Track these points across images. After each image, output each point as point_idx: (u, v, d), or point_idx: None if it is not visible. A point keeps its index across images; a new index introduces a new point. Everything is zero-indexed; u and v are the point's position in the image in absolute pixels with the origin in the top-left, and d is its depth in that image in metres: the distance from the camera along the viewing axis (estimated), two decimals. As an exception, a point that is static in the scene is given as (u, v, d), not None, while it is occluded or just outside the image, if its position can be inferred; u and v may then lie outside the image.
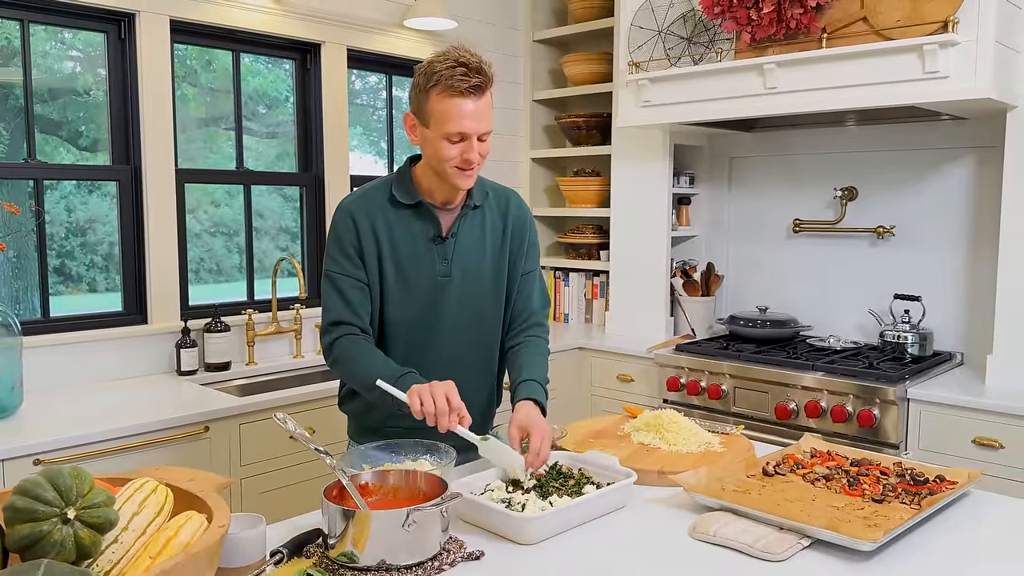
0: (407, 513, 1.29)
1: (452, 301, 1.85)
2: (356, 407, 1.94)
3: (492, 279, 1.89)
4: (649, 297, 3.69)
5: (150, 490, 1.12)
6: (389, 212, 1.82)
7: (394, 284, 1.82)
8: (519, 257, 1.93)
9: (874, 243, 3.35)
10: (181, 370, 2.93)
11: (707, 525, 1.49)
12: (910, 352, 3.08)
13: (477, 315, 1.89)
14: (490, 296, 1.89)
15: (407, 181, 1.83)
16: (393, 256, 1.81)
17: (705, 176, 3.83)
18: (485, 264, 1.87)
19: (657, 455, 1.85)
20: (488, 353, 1.93)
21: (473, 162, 1.72)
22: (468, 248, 1.85)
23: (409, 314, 1.83)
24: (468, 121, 1.69)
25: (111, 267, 2.96)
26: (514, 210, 1.93)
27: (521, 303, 1.95)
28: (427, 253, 1.82)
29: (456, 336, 1.87)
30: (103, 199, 2.95)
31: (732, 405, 3.10)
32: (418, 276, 1.82)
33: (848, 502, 1.62)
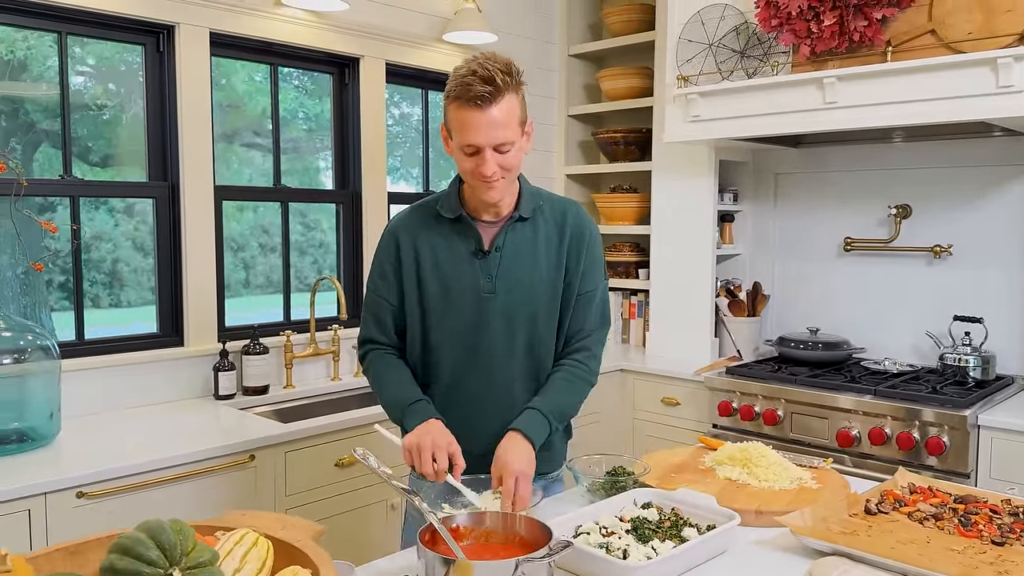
0: (516, 564, 1.18)
1: (498, 317, 1.75)
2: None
3: (546, 295, 1.77)
4: (693, 317, 3.58)
5: (251, 543, 1.01)
6: (433, 227, 1.78)
7: (437, 300, 1.75)
8: (576, 274, 1.80)
9: (930, 262, 3.25)
10: (219, 394, 2.82)
11: (825, 572, 1.38)
12: (972, 376, 2.97)
13: (528, 332, 1.77)
14: (543, 312, 1.77)
15: (453, 195, 1.78)
16: (436, 272, 1.75)
17: (750, 193, 3.73)
18: (537, 279, 1.76)
19: (749, 492, 1.74)
20: (541, 372, 1.81)
21: (487, 175, 1.63)
22: (516, 262, 1.75)
23: (453, 330, 1.76)
24: (476, 132, 1.60)
25: (114, 284, 2.84)
26: (572, 223, 1.81)
27: (575, 324, 1.81)
28: (469, 268, 1.75)
29: (504, 354, 1.76)
30: (109, 216, 2.84)
31: (789, 431, 2.98)
32: (461, 291, 1.75)
33: (967, 545, 1.50)
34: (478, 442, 1.72)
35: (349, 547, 2.57)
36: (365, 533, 2.64)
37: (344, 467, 2.58)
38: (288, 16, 3.02)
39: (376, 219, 3.37)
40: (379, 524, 2.68)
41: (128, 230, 2.86)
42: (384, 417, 1.90)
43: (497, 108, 1.60)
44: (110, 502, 2.11)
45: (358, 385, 3.19)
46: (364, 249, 3.35)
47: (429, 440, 1.60)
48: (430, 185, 3.75)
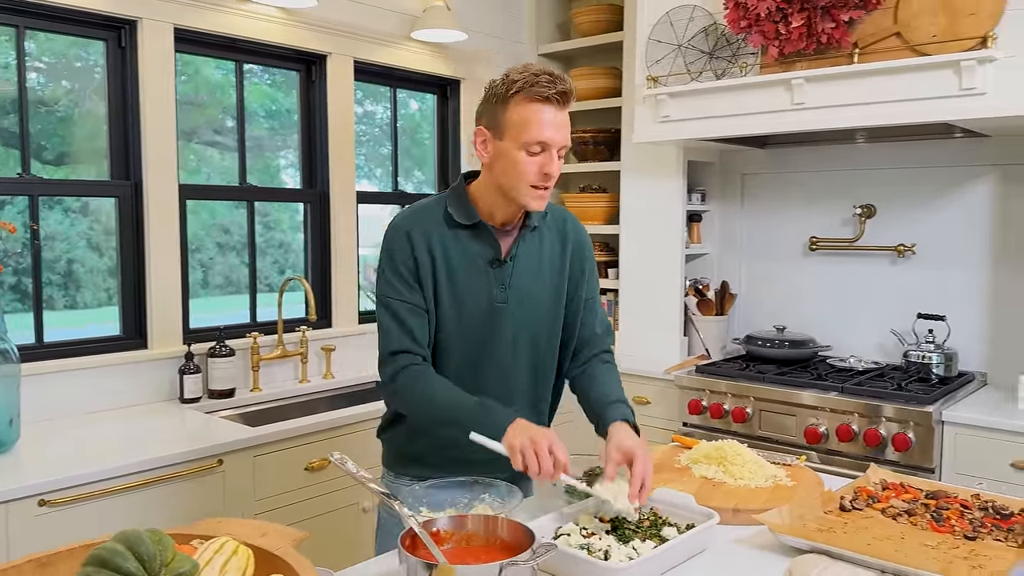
0: (500, 567, 1.17)
1: (507, 328, 1.73)
2: (396, 437, 1.81)
3: (549, 305, 1.78)
4: (662, 316, 3.60)
5: (230, 552, 0.98)
6: (445, 232, 1.69)
7: (449, 308, 1.69)
8: (580, 282, 1.82)
9: (894, 261, 3.30)
10: (184, 397, 2.76)
11: (805, 570, 1.39)
12: (935, 373, 3.02)
13: (532, 343, 1.77)
14: (546, 323, 1.78)
15: (464, 199, 1.71)
16: (449, 279, 1.69)
17: (717, 193, 3.76)
18: (543, 289, 1.76)
19: (725, 490, 1.74)
20: (542, 382, 1.82)
21: (553, 176, 1.61)
22: (526, 272, 1.74)
23: (462, 340, 1.71)
24: (551, 130, 1.58)
25: (69, 285, 2.76)
26: (572, 232, 1.82)
27: (587, 332, 1.84)
28: (484, 277, 1.70)
29: (510, 364, 1.75)
30: (64, 215, 2.76)
31: (758, 429, 3.01)
32: (474, 301, 1.70)
33: (940, 540, 1.52)
34: (476, 448, 1.70)
35: (320, 552, 2.53)
36: (337, 537, 2.60)
37: (314, 471, 2.54)
38: (254, 12, 2.97)
39: (344, 218, 3.33)
40: (350, 528, 2.65)
41: (83, 230, 2.78)
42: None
43: (566, 111, 1.61)
44: (74, 510, 2.05)
45: (327, 387, 3.15)
46: (332, 249, 3.31)
47: (544, 441, 1.50)
48: (398, 184, 3.72)
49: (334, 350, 3.23)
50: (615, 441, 1.61)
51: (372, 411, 2.72)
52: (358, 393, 3.21)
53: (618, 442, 1.60)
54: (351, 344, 3.35)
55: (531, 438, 1.50)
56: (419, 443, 1.77)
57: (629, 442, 1.60)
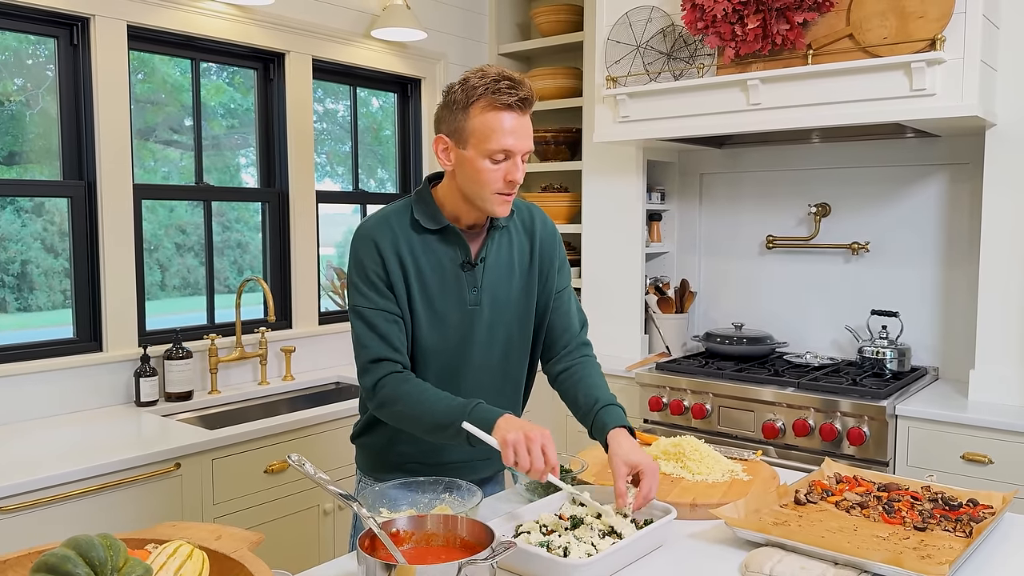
0: (459, 566, 1.17)
1: (482, 330, 1.73)
2: (375, 441, 1.80)
3: (520, 303, 1.78)
4: (623, 315, 3.63)
5: (185, 556, 0.97)
6: (413, 237, 1.68)
7: (423, 315, 1.68)
8: (551, 276, 1.82)
9: (848, 259, 3.37)
10: (140, 400, 2.72)
11: (760, 563, 1.41)
12: (889, 368, 3.09)
13: (506, 343, 1.77)
14: (517, 322, 1.78)
15: (429, 204, 1.70)
16: (420, 285, 1.67)
17: (676, 192, 3.80)
18: (513, 288, 1.76)
19: (684, 486, 1.77)
20: (515, 381, 1.82)
21: (517, 182, 1.61)
22: (497, 272, 1.74)
23: (438, 346, 1.70)
24: (514, 136, 1.57)
25: (23, 287, 2.71)
26: (540, 227, 1.82)
27: (561, 324, 1.84)
28: (455, 281, 1.70)
29: (485, 365, 1.76)
30: (15, 216, 2.70)
31: (717, 424, 3.05)
32: (447, 306, 1.69)
33: (891, 531, 1.56)
34: (452, 451, 1.73)
35: (281, 554, 2.51)
36: (297, 540, 2.58)
37: (274, 473, 2.52)
38: (210, 9, 2.93)
39: (304, 218, 3.30)
40: (311, 530, 2.63)
41: (36, 231, 2.73)
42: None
43: (528, 116, 1.61)
44: (27, 516, 2.00)
45: (286, 389, 3.13)
46: (292, 249, 3.28)
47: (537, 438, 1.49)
48: (359, 183, 3.70)
49: (294, 351, 3.20)
50: (621, 454, 1.58)
51: (333, 412, 2.70)
52: (319, 394, 3.18)
53: (624, 455, 1.58)
54: (311, 345, 3.33)
55: (525, 434, 1.49)
56: (400, 449, 1.77)
57: (636, 456, 1.57)
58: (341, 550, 2.65)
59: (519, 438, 1.48)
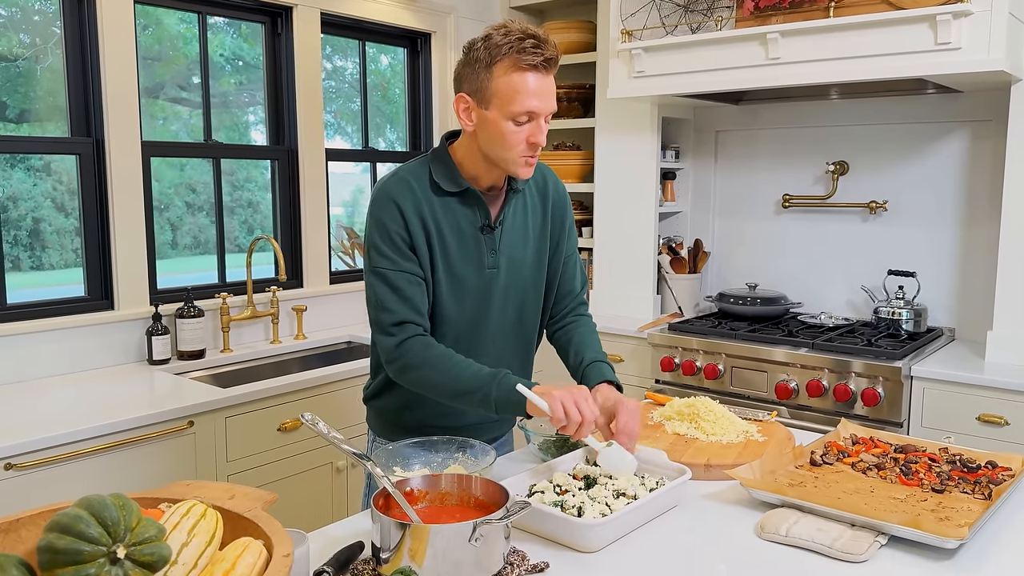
0: (474, 526, 1.16)
1: (499, 294, 1.71)
2: (388, 404, 1.78)
3: (534, 266, 1.76)
4: (635, 275, 3.60)
5: (199, 515, 0.96)
6: (433, 199, 1.63)
7: (443, 279, 1.65)
8: (562, 239, 1.80)
9: (866, 218, 3.32)
10: (153, 359, 2.72)
11: (776, 524, 1.40)
12: (905, 329, 3.06)
13: (520, 306, 1.76)
14: (532, 285, 1.76)
15: (448, 164, 1.65)
16: (441, 248, 1.64)
17: (691, 150, 3.74)
18: (528, 251, 1.74)
19: (697, 446, 1.75)
20: (527, 343, 1.82)
21: (540, 145, 1.57)
22: (513, 236, 1.71)
23: (457, 310, 1.68)
24: (538, 99, 1.52)
25: (35, 245, 2.70)
26: (552, 189, 1.79)
27: (565, 285, 1.84)
28: (475, 244, 1.66)
29: (500, 329, 1.74)
30: (27, 175, 2.68)
31: (730, 385, 3.04)
32: (466, 270, 1.66)
33: (908, 493, 1.55)
34: (465, 415, 1.73)
35: (294, 512, 2.53)
36: (310, 497, 2.60)
37: (287, 431, 2.53)
38: (216, -39, 2.87)
39: (313, 176, 3.26)
40: (324, 488, 2.64)
41: (47, 189, 2.71)
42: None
43: (552, 75, 1.56)
44: (40, 474, 2.02)
45: (299, 348, 3.12)
46: (302, 207, 3.25)
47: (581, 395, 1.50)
48: (369, 142, 3.65)
49: (306, 310, 3.20)
50: (610, 404, 1.61)
51: (345, 371, 2.70)
52: (331, 353, 3.18)
53: (601, 404, 1.61)
54: (323, 304, 3.32)
55: (570, 391, 1.50)
56: (414, 413, 1.75)
57: (612, 401, 1.61)
58: (354, 508, 2.67)
59: (566, 395, 1.49)
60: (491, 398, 1.53)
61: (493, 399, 1.53)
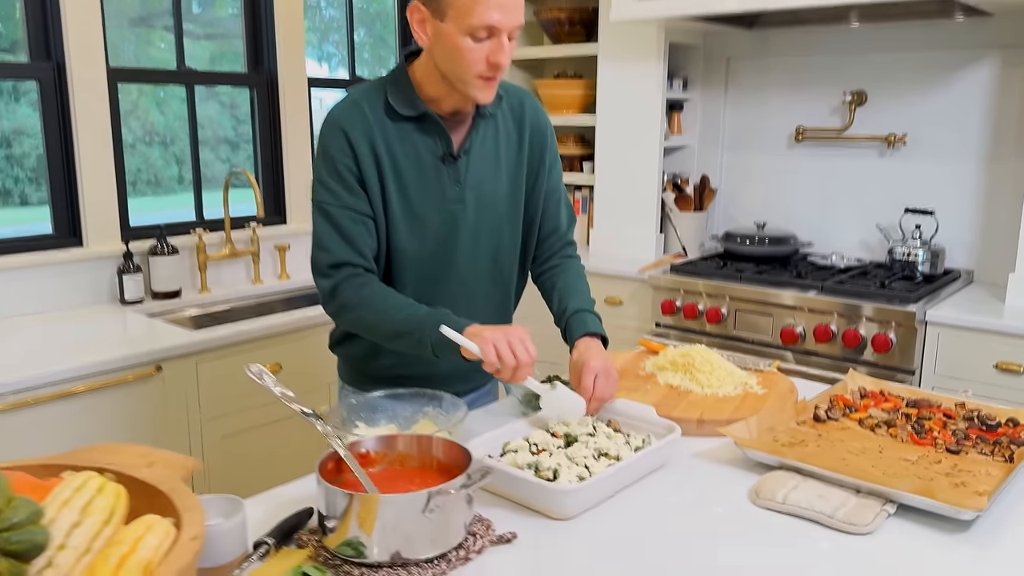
0: (428, 496, 1.03)
1: (467, 232, 1.55)
2: (355, 352, 1.65)
3: (508, 202, 1.59)
4: (638, 213, 3.42)
5: (95, 489, 0.83)
6: (387, 125, 1.47)
7: (399, 215, 1.50)
8: (541, 173, 1.62)
9: (883, 153, 3.11)
10: (125, 299, 2.59)
11: (772, 489, 1.27)
12: (920, 270, 2.89)
13: (493, 245, 1.60)
14: (507, 223, 1.60)
15: (405, 86, 1.48)
16: (397, 181, 1.48)
17: (699, 80, 3.52)
18: (501, 185, 1.57)
19: (691, 400, 1.61)
20: (504, 287, 1.66)
21: (502, 66, 1.39)
22: (482, 167, 1.54)
23: (418, 250, 1.53)
24: (500, 11, 1.33)
25: (41, 181, 2.55)
26: (531, 116, 1.61)
27: (549, 224, 1.68)
28: (436, 176, 1.50)
29: (471, 271, 1.59)
30: (32, 108, 2.52)
31: (733, 329, 2.89)
32: (426, 204, 1.51)
33: (921, 454, 1.41)
34: (440, 363, 1.53)
35: (270, 461, 2.43)
36: (287, 446, 2.49)
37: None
38: None
39: (295, 106, 3.08)
40: (302, 437, 2.53)
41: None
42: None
43: None
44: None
45: (281, 288, 2.99)
46: (283, 139, 3.07)
47: (516, 335, 1.34)
48: (356, 70, 3.45)
49: (288, 249, 3.05)
50: (574, 358, 1.50)
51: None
52: (316, 294, 3.04)
53: (574, 359, 1.50)
54: (307, 242, 3.14)
55: (503, 331, 1.35)
56: (382, 360, 1.61)
57: (580, 358, 1.48)
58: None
59: (499, 336, 1.34)
60: (427, 340, 1.39)
61: (429, 341, 1.39)
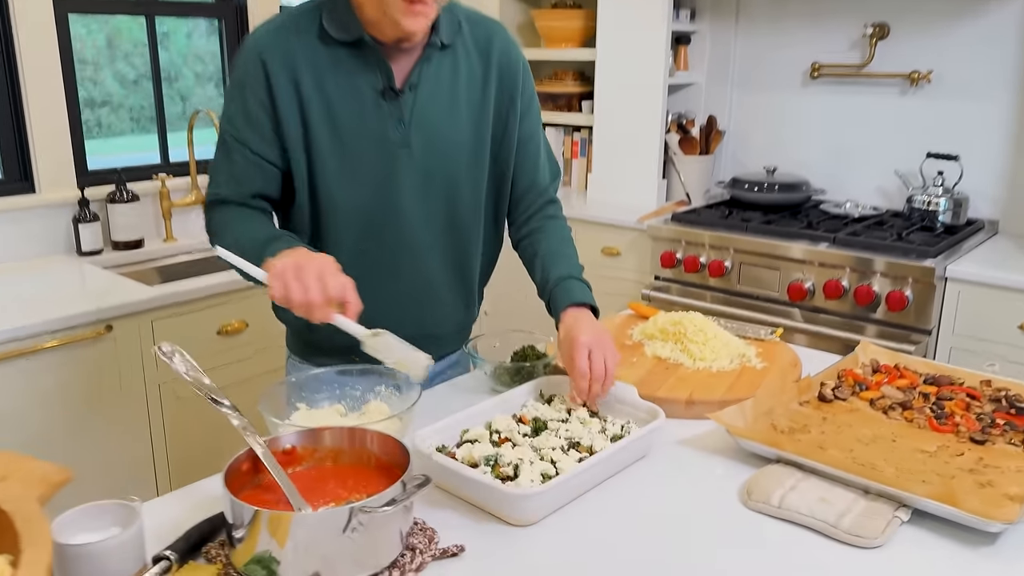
0: (350, 513, 0.86)
1: (413, 180, 1.35)
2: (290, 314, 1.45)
3: (469, 150, 1.38)
4: (639, 157, 3.18)
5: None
6: (319, 52, 1.27)
7: (330, 156, 1.30)
8: (511, 116, 1.41)
9: (905, 91, 2.86)
10: (82, 250, 2.41)
11: (768, 489, 1.09)
12: (941, 220, 2.67)
13: (449, 199, 1.39)
14: (467, 172, 1.39)
15: (343, 7, 1.27)
16: (327, 116, 1.29)
17: (708, 10, 3.25)
18: (459, 127, 1.36)
19: (681, 375, 1.43)
20: (464, 247, 1.45)
21: None
22: (433, 105, 1.33)
23: (354, 199, 1.33)
24: None
25: None
26: (500, 50, 1.39)
27: (526, 178, 1.45)
28: (374, 112, 1.30)
29: (422, 229, 1.38)
30: None
31: (736, 283, 2.69)
32: (362, 145, 1.31)
33: (940, 443, 1.23)
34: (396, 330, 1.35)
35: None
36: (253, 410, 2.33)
37: (229, 335, 2.24)
38: None
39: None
40: (275, 395, 2.38)
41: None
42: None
43: None
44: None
45: (255, 236, 2.80)
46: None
47: (314, 265, 1.13)
48: None
49: (263, 194, 2.85)
50: (567, 334, 1.29)
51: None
52: (292, 243, 2.86)
53: (562, 336, 1.31)
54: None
55: (297, 261, 1.13)
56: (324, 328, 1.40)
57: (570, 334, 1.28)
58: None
59: (288, 267, 1.12)
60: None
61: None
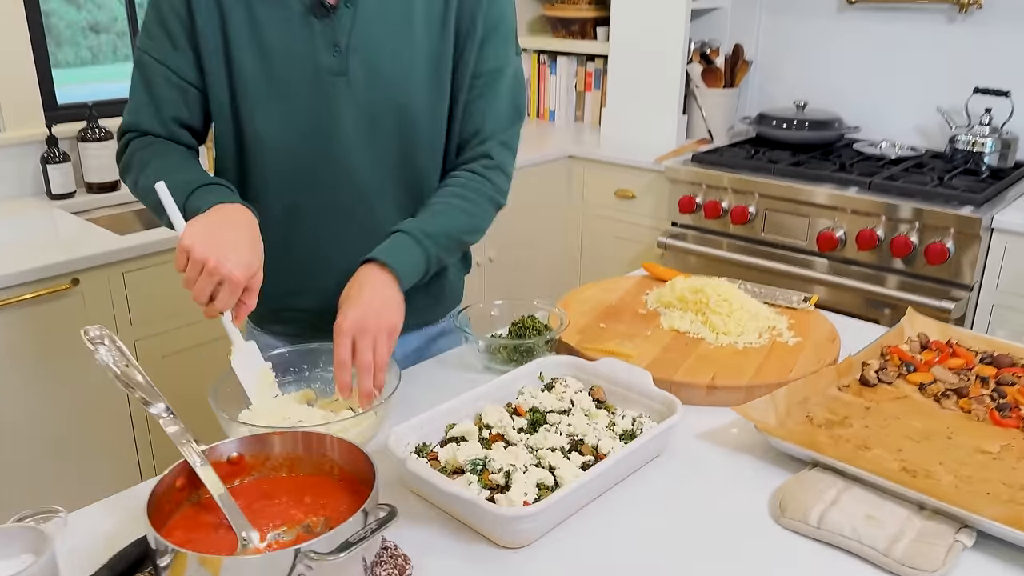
0: (295, 556, 0.70)
1: (354, 115, 1.15)
2: None
3: (426, 81, 1.17)
4: (658, 90, 2.94)
5: None
6: None
7: (253, 80, 1.13)
8: (468, 46, 1.18)
9: (953, 18, 2.60)
10: (52, 193, 2.24)
11: (805, 505, 0.92)
12: (987, 163, 2.45)
13: (403, 136, 1.18)
14: (424, 108, 1.18)
15: None
16: (253, 37, 1.11)
17: (736, -73, 2.96)
18: (411, 55, 1.15)
19: (702, 353, 1.25)
20: (422, 194, 1.23)
21: None
22: (376, 27, 1.13)
23: (283, 135, 1.15)
24: None
25: None
26: None
27: (472, 122, 1.21)
28: (304, 33, 1.11)
29: (368, 173, 1.19)
30: None
31: (760, 231, 2.49)
32: (290, 71, 1.13)
33: (1005, 441, 1.06)
34: (324, 295, 1.15)
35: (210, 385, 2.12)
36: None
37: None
38: None
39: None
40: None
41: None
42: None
43: None
44: None
45: (243, 177, 2.61)
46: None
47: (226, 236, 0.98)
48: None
49: (249, 131, 2.65)
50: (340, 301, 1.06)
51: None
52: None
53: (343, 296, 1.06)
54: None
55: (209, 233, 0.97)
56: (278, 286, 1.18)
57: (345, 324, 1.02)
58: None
59: (196, 233, 0.96)
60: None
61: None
